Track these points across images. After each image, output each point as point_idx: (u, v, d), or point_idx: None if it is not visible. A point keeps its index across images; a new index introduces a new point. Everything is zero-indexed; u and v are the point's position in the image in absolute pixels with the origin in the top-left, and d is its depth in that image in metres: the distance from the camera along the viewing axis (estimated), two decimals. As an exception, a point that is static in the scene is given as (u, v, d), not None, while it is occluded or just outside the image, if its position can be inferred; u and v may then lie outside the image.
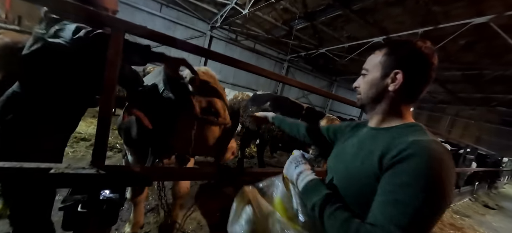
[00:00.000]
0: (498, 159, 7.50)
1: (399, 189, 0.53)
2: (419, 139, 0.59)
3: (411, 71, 0.67)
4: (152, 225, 1.92)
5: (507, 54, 6.14)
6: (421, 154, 0.54)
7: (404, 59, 0.67)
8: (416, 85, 0.68)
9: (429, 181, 0.52)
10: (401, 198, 0.52)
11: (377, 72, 0.71)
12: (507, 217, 5.41)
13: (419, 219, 0.50)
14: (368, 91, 0.73)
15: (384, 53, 0.71)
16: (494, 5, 4.61)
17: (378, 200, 0.57)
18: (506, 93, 10.33)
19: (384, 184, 0.57)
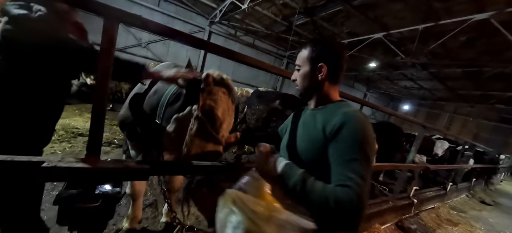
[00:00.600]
0: (495, 156, 7.54)
1: (346, 151, 0.74)
2: (347, 110, 0.82)
3: (331, 62, 0.88)
4: (150, 220, 1.91)
5: (507, 51, 6.12)
6: (352, 121, 0.77)
7: (325, 53, 0.88)
8: (335, 72, 0.90)
9: (361, 137, 0.75)
10: (350, 156, 0.73)
11: (307, 66, 0.90)
12: (503, 213, 5.46)
13: (366, 164, 0.72)
14: (303, 82, 0.93)
15: (310, 50, 0.90)
16: (495, 1, 4.57)
17: (335, 164, 0.75)
18: (505, 91, 10.34)
19: (334, 152, 0.76)
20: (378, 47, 8.19)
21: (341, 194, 0.67)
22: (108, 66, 0.79)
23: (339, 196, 0.67)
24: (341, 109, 0.83)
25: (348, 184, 0.68)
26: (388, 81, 13.82)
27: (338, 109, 0.83)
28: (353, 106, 0.86)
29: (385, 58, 8.73)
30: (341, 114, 0.80)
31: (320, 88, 0.91)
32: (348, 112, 0.80)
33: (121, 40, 8.30)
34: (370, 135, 0.77)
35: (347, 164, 0.72)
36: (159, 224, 1.90)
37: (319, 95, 0.92)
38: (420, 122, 2.93)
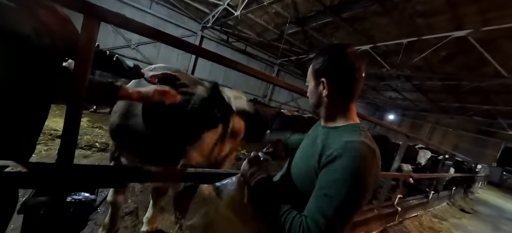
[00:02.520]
0: (473, 166, 7.92)
1: (328, 185, 0.64)
2: (350, 140, 0.67)
3: (334, 77, 0.75)
4: (130, 230, 1.81)
5: (483, 67, 6.52)
6: (348, 154, 0.64)
7: (326, 67, 0.76)
8: (345, 86, 0.76)
9: (352, 178, 0.61)
10: (329, 192, 0.62)
11: (312, 82, 0.81)
12: (481, 220, 5.70)
13: (342, 210, 0.61)
14: (311, 99, 0.84)
15: (313, 64, 0.80)
16: (472, 20, 4.88)
17: (313, 195, 0.67)
18: (481, 104, 10.96)
19: (319, 181, 0.67)
20: (365, 59, 8.48)
21: (296, 226, 0.62)
22: (86, 65, 0.75)
23: (294, 226, 0.62)
24: (346, 136, 0.70)
25: (310, 220, 0.61)
26: (375, 91, 14.30)
27: (342, 136, 0.71)
28: (361, 135, 0.70)
29: (372, 69, 9.04)
30: (342, 143, 0.67)
31: (327, 105, 0.79)
32: (351, 143, 0.66)
33: (110, 40, 8.10)
34: (367, 174, 0.63)
35: (321, 199, 0.63)
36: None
37: (326, 112, 0.80)
38: (404, 132, 3.03)
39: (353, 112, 0.80)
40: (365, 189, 0.63)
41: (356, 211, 0.64)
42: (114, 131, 1.40)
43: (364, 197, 0.64)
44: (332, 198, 0.61)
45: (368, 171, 0.63)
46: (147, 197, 2.20)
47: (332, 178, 0.64)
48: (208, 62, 10.11)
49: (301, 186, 0.77)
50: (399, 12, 5.29)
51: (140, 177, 1.08)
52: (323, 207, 0.61)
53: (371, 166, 0.64)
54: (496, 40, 5.19)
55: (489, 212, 7.04)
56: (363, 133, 0.72)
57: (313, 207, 0.64)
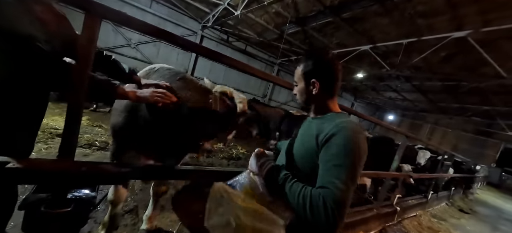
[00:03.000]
0: (472, 166, 7.93)
1: (332, 157, 0.78)
2: (342, 120, 0.86)
3: (324, 77, 0.93)
4: (130, 228, 1.81)
5: (482, 68, 6.53)
6: (343, 131, 0.81)
7: (316, 70, 0.93)
8: (330, 85, 0.95)
9: (350, 147, 0.78)
10: (336, 162, 0.77)
11: (302, 83, 0.97)
12: (480, 221, 5.71)
13: (349, 172, 0.76)
14: (301, 97, 1.00)
15: (302, 67, 0.96)
16: (472, 21, 4.89)
17: (321, 169, 0.80)
18: (480, 104, 10.98)
19: (323, 157, 0.81)
20: (365, 59, 8.49)
21: (315, 196, 0.73)
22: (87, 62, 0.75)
23: (313, 197, 0.73)
24: (336, 119, 0.87)
25: (327, 187, 0.74)
26: (374, 91, 14.31)
27: (334, 120, 0.88)
28: (349, 118, 0.90)
29: (372, 69, 9.06)
30: (334, 124, 0.84)
31: (317, 101, 0.97)
32: (341, 123, 0.84)
33: (110, 39, 8.10)
34: (360, 146, 0.80)
35: (332, 169, 0.77)
36: (139, 232, 1.81)
37: (317, 107, 0.99)
38: (404, 132, 3.04)
39: (336, 104, 1.00)
40: (360, 155, 0.80)
41: (358, 174, 0.79)
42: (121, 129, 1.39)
43: (361, 162, 0.81)
44: (340, 166, 0.76)
45: (359, 141, 0.80)
46: (147, 196, 2.19)
47: (334, 152, 0.79)
48: (208, 61, 10.12)
49: (302, 167, 0.91)
50: (400, 12, 5.29)
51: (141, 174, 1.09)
52: (335, 174, 0.75)
53: (360, 138, 0.81)
54: (495, 41, 5.20)
55: (488, 212, 7.05)
56: (346, 116, 0.92)
57: (326, 177, 0.77)
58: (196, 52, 1.12)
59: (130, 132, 1.39)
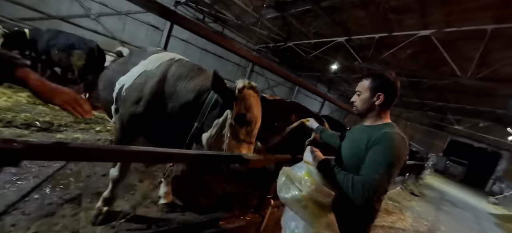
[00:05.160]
0: (425, 155, 8.88)
1: (375, 158, 1.04)
2: (388, 131, 1.09)
3: (388, 92, 1.17)
4: (68, 219, 1.58)
5: (441, 66, 7.15)
6: (387, 140, 1.05)
7: (383, 85, 1.17)
8: (390, 100, 1.19)
9: (389, 153, 1.03)
10: (377, 160, 1.03)
11: (367, 93, 1.20)
12: (427, 202, 6.49)
13: (386, 169, 1.01)
14: (363, 105, 1.23)
15: (370, 81, 1.19)
16: (437, 21, 5.24)
17: (365, 164, 1.06)
18: (436, 100, 12.21)
19: (368, 157, 1.07)
20: (340, 51, 8.71)
21: (356, 180, 1.02)
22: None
23: (355, 182, 1.01)
24: (384, 129, 1.10)
25: (368, 175, 1.01)
26: (347, 84, 14.97)
27: (382, 129, 1.11)
28: (395, 128, 1.12)
29: (346, 61, 9.36)
30: (382, 132, 1.08)
31: (375, 111, 1.20)
32: (387, 132, 1.07)
33: (64, 7, 7.02)
34: (399, 152, 1.03)
35: (372, 164, 1.03)
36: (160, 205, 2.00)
37: (373, 116, 1.21)
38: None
39: (388, 116, 1.22)
40: (398, 159, 1.03)
41: (394, 173, 1.04)
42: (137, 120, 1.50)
43: (398, 164, 1.04)
44: (380, 163, 1.01)
45: (399, 149, 1.04)
46: (94, 183, 2.01)
47: (378, 153, 1.04)
48: (181, 43, 9.47)
49: (349, 166, 1.19)
50: (375, 6, 5.43)
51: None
52: (375, 167, 1.02)
53: (401, 147, 1.05)
54: (454, 42, 5.67)
55: (433, 195, 8.04)
56: (396, 127, 1.13)
57: (367, 170, 1.03)
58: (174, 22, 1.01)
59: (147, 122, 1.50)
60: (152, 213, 1.91)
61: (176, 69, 1.55)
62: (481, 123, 13.74)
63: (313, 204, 1.05)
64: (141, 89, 1.49)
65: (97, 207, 1.65)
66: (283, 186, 1.14)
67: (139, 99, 1.48)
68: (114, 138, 1.70)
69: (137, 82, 1.54)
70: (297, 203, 1.07)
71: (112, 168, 1.67)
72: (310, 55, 9.30)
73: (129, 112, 1.51)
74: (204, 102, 1.43)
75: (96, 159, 0.84)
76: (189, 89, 1.47)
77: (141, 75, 1.56)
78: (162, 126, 1.52)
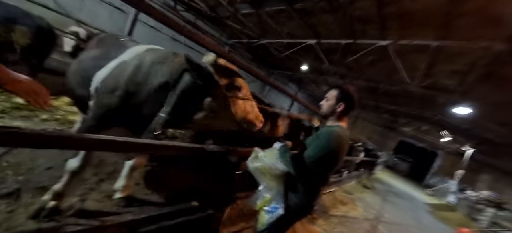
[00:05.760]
0: (377, 152, 9.96)
1: (313, 145, 1.44)
2: (333, 127, 1.46)
3: (347, 103, 1.49)
4: (3, 215, 1.40)
5: (395, 74, 8.05)
6: (327, 133, 1.43)
7: (345, 97, 1.48)
8: (348, 109, 1.50)
9: (325, 143, 1.40)
10: (313, 147, 1.44)
11: (333, 101, 1.51)
12: (376, 194, 7.35)
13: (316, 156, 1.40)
14: (328, 109, 1.54)
15: (337, 92, 1.50)
16: (393, 33, 5.88)
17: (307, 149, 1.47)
18: (389, 104, 13.70)
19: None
20: (310, 53, 9.15)
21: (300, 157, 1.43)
22: None
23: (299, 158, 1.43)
24: (332, 127, 1.46)
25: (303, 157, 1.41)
26: (315, 84, 15.83)
27: (331, 127, 1.47)
28: (340, 127, 1.46)
29: (315, 63, 9.89)
30: (326, 128, 1.47)
31: (336, 115, 1.51)
32: (331, 128, 1.46)
33: (4, -29, 5.95)
34: (334, 143, 1.39)
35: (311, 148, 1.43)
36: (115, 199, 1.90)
37: (333, 118, 1.53)
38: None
39: (345, 120, 1.53)
40: (331, 150, 1.39)
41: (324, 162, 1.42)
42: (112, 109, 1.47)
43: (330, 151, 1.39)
44: (314, 148, 1.42)
45: (335, 142, 1.39)
46: (35, 177, 1.82)
47: (316, 141, 1.44)
48: (148, 31, 8.83)
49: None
50: (342, 13, 5.84)
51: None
52: (309, 151, 1.42)
53: (336, 141, 1.39)
54: (407, 54, 6.43)
55: (382, 187, 9.11)
56: (341, 128, 1.46)
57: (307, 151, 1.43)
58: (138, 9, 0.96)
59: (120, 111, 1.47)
60: (106, 208, 1.80)
61: (152, 55, 1.57)
62: (423, 126, 15.93)
63: (268, 172, 1.38)
64: (117, 79, 1.49)
65: (42, 200, 1.50)
66: (252, 159, 1.46)
67: (115, 89, 1.46)
68: (83, 126, 1.61)
69: (114, 72, 1.53)
70: (257, 170, 1.42)
71: (71, 159, 1.56)
72: (282, 54, 9.57)
73: (103, 102, 1.48)
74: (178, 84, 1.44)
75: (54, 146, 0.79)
76: (164, 72, 1.48)
77: (118, 65, 1.56)
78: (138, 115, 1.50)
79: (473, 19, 4.47)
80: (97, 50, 1.81)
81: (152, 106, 1.47)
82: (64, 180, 1.54)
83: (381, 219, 4.97)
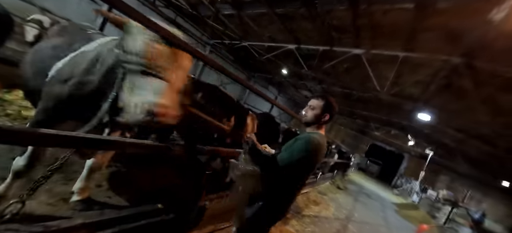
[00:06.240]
0: (350, 155, 10.48)
1: (290, 148, 1.40)
2: (311, 134, 1.44)
3: (331, 115, 1.51)
4: None
5: (367, 82, 8.56)
6: (306, 138, 1.40)
7: (330, 109, 1.50)
8: (330, 120, 1.51)
9: (304, 147, 1.37)
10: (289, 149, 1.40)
11: (319, 111, 1.50)
12: (348, 195, 7.71)
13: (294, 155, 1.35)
14: (312, 118, 1.51)
15: (324, 103, 1.50)
16: (366, 43, 6.26)
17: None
18: (362, 110, 14.53)
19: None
20: (290, 57, 9.37)
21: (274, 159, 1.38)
22: None
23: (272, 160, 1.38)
24: (312, 133, 1.44)
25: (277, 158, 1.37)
26: (294, 88, 16.23)
27: (311, 133, 1.46)
28: (317, 134, 1.45)
29: (294, 67, 10.14)
30: (306, 134, 1.46)
31: (318, 124, 1.51)
32: (309, 134, 1.45)
33: None
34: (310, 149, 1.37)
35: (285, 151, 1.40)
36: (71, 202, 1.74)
37: (315, 127, 1.52)
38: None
39: (324, 128, 1.54)
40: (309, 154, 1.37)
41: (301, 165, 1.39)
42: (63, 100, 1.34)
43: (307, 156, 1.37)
44: (288, 150, 1.39)
45: (314, 147, 1.38)
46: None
47: (292, 145, 1.41)
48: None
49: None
50: (321, 20, 6.08)
51: None
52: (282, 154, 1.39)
53: (316, 146, 1.39)
54: (378, 63, 6.89)
55: (354, 188, 9.59)
56: (321, 136, 1.45)
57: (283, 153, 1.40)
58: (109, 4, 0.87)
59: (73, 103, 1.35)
60: (59, 212, 1.64)
61: (113, 42, 1.44)
62: (392, 131, 17.14)
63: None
64: (73, 68, 1.37)
65: None
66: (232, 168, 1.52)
67: (68, 78, 1.35)
68: (33, 120, 1.46)
69: (71, 62, 1.41)
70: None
71: (18, 157, 1.40)
72: (263, 57, 9.67)
73: (54, 92, 1.35)
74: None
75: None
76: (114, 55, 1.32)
77: (77, 55, 1.44)
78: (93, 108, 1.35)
79: (435, 34, 4.94)
80: (59, 39, 1.65)
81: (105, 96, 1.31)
82: (8, 181, 1.37)
83: (351, 218, 5.22)
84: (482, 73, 5.43)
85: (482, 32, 4.21)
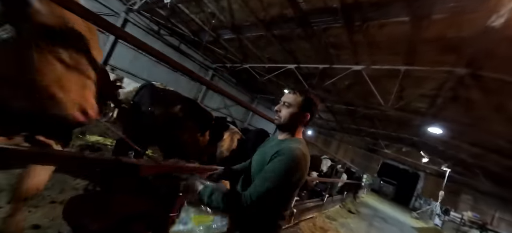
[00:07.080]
0: (361, 175, 9.94)
1: (266, 173, 0.99)
2: (290, 145, 1.04)
3: (312, 114, 1.17)
4: None
5: (370, 98, 8.38)
6: (285, 154, 0.99)
7: (311, 107, 1.16)
8: (311, 120, 1.19)
9: (281, 170, 0.97)
10: (264, 176, 0.98)
11: (296, 109, 1.14)
12: (361, 219, 7.10)
13: (267, 189, 0.94)
14: (288, 118, 1.15)
15: (303, 99, 1.15)
16: (365, 59, 6.22)
17: (257, 177, 1.01)
18: (369, 127, 14.11)
19: (264, 168, 1.02)
20: (291, 77, 9.42)
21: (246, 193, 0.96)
22: None
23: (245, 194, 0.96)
24: (289, 144, 1.06)
25: (250, 192, 0.95)
26: (299, 108, 16.13)
27: (288, 144, 1.07)
28: (300, 144, 1.07)
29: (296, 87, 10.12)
30: (284, 146, 1.03)
31: (296, 127, 1.17)
32: (290, 147, 1.02)
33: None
34: (294, 169, 0.98)
35: (261, 179, 0.98)
36: None
37: (292, 132, 1.17)
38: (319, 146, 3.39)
39: (301, 132, 1.21)
40: (290, 178, 0.98)
41: (281, 192, 1.00)
42: None
43: (292, 177, 0.98)
44: (265, 180, 0.97)
45: (296, 167, 0.99)
46: None
47: (271, 167, 0.99)
48: (130, 51, 8.80)
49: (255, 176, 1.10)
50: (317, 39, 6.14)
51: None
52: (257, 185, 0.96)
53: (299, 164, 0.99)
54: (379, 78, 6.76)
55: (367, 212, 8.90)
56: (302, 144, 1.09)
57: (253, 185, 0.98)
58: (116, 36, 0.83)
59: None
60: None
61: None
62: (403, 148, 16.39)
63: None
64: None
65: None
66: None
67: None
68: None
69: None
70: None
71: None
72: (264, 78, 9.77)
73: None
74: None
75: None
76: None
77: None
78: None
79: (435, 46, 4.84)
80: None
81: None
82: None
83: (365, 246, 4.72)
84: (490, 82, 5.19)
85: (483, 40, 4.08)
